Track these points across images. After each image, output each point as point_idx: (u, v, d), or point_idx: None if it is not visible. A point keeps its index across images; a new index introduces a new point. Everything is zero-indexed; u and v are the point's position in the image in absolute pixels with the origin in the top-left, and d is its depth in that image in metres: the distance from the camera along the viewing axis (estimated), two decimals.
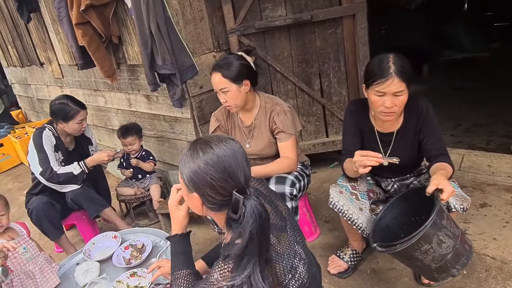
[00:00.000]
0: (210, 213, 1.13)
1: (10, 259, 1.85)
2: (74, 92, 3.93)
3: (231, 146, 1.05)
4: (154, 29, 2.30)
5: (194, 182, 1.04)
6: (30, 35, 4.26)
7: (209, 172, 1.00)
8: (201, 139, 1.09)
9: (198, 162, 1.02)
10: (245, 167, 1.04)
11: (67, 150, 2.61)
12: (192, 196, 1.08)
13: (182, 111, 2.64)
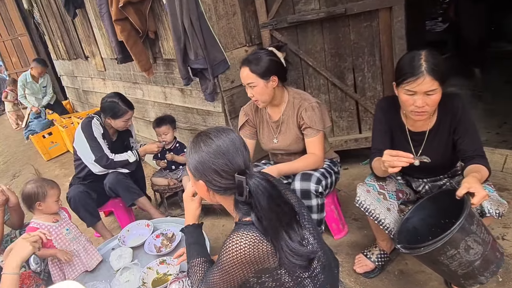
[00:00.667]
0: (218, 198, 1.24)
1: (55, 239, 2.01)
2: (115, 85, 4.12)
3: (229, 135, 1.18)
4: (187, 24, 2.35)
5: (199, 171, 1.17)
6: (76, 30, 4.49)
7: (211, 159, 1.13)
8: (202, 132, 1.22)
9: (200, 153, 1.15)
10: (243, 153, 1.17)
11: (111, 140, 2.76)
12: (199, 183, 1.21)
13: (214, 105, 2.68)
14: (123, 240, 2.27)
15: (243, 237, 1.09)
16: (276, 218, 1.09)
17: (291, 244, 1.08)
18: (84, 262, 2.09)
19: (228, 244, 1.12)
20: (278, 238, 1.08)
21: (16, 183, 4.68)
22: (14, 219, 2.21)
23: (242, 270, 1.12)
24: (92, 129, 2.63)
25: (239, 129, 2.20)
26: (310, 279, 1.15)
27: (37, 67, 5.59)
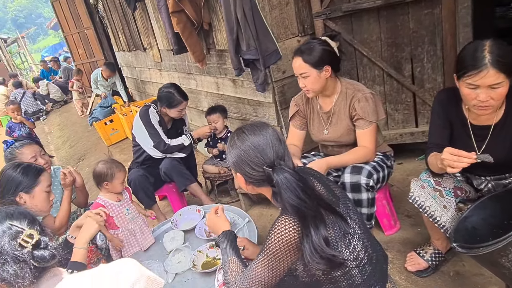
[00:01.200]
0: (258, 189, 1.32)
1: (116, 217, 2.19)
2: (171, 75, 4.29)
3: (261, 130, 1.25)
4: (240, 15, 2.37)
5: (235, 164, 1.27)
6: (136, 23, 4.72)
7: (244, 152, 1.22)
8: (239, 128, 1.30)
9: (235, 147, 1.25)
10: (275, 146, 1.23)
11: (166, 128, 2.91)
12: (237, 176, 1.30)
13: (265, 96, 2.70)
14: (175, 223, 2.38)
15: (288, 220, 1.14)
16: (300, 211, 1.12)
17: (315, 240, 1.09)
18: (139, 242, 2.24)
19: (274, 228, 1.16)
20: (306, 231, 1.11)
21: (81, 165, 5.08)
22: (79, 198, 2.42)
23: (289, 254, 1.15)
24: (150, 116, 2.79)
25: (289, 120, 2.20)
26: (357, 269, 1.15)
27: (106, 71, 6.21)
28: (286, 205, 1.15)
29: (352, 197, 1.88)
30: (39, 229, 1.07)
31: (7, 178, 1.79)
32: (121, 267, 1.05)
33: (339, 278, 1.15)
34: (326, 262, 1.10)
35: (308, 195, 1.15)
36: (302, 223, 1.12)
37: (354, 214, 1.26)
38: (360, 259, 1.16)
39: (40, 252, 1.02)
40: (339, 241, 1.14)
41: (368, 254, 1.19)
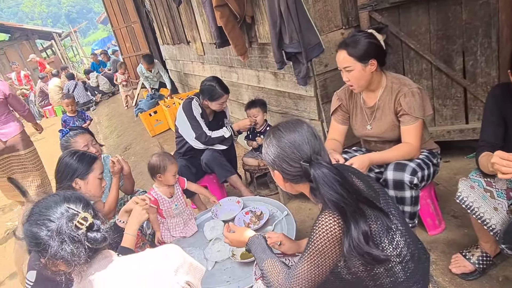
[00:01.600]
0: (296, 187, 1.32)
1: (164, 211, 2.31)
2: (213, 68, 4.36)
3: (296, 126, 1.27)
4: (283, 8, 2.36)
5: (272, 161, 1.28)
6: (180, 17, 4.84)
7: (280, 149, 1.24)
8: (274, 127, 1.32)
9: (272, 144, 1.27)
10: (311, 141, 1.24)
11: (208, 119, 2.98)
12: (275, 174, 1.32)
13: (306, 89, 2.68)
14: (215, 213, 2.44)
15: (331, 215, 1.14)
16: (340, 205, 1.13)
17: (354, 235, 1.09)
18: (182, 232, 2.34)
19: (317, 224, 1.16)
20: (346, 225, 1.12)
21: (127, 154, 5.33)
22: (126, 185, 2.55)
23: (334, 249, 1.15)
24: (192, 109, 2.87)
25: (331, 114, 2.17)
26: (400, 266, 1.13)
27: (144, 63, 6.43)
28: (325, 200, 1.16)
29: (395, 194, 1.84)
30: (93, 213, 1.14)
31: (65, 165, 1.92)
32: (166, 252, 1.10)
33: (381, 274, 1.14)
34: (364, 259, 1.09)
35: (346, 189, 1.15)
36: (342, 218, 1.12)
37: (395, 210, 1.24)
38: (403, 255, 1.14)
39: (93, 234, 1.09)
40: (383, 236, 1.13)
41: (410, 251, 1.17)
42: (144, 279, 1.04)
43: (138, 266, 1.09)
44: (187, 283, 1.08)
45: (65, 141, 2.33)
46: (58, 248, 1.04)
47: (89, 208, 1.16)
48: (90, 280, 1.07)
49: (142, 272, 1.06)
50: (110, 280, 1.06)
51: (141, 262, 1.10)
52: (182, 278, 1.07)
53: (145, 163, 4.63)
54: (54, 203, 1.11)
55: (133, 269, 1.08)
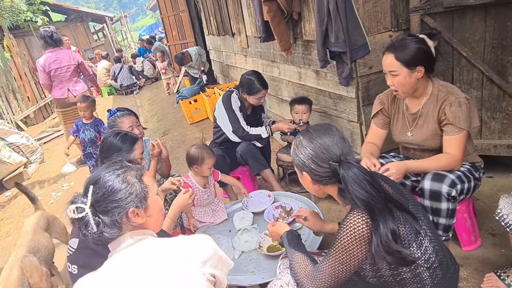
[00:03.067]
0: (324, 189, 1.35)
1: (196, 200, 2.40)
2: (255, 62, 4.39)
3: (326, 129, 1.33)
4: (332, 6, 2.34)
5: (302, 163, 1.33)
6: (227, 8, 4.90)
7: (309, 150, 1.30)
8: (304, 130, 1.39)
9: (301, 147, 1.33)
10: (340, 144, 1.30)
11: (246, 113, 3.02)
12: (303, 176, 1.36)
13: (348, 90, 2.65)
14: (246, 204, 2.49)
15: (359, 214, 1.17)
16: (369, 204, 1.15)
17: (383, 232, 1.11)
18: (211, 220, 2.41)
19: (345, 222, 1.19)
20: (375, 224, 1.14)
21: (165, 139, 5.50)
22: (164, 169, 2.65)
23: (360, 248, 1.17)
24: (231, 102, 2.92)
25: (372, 117, 2.14)
26: (428, 273, 1.13)
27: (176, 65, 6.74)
28: (354, 199, 1.19)
29: (430, 205, 1.79)
30: None
31: (109, 145, 2.03)
32: (197, 242, 1.14)
33: (408, 280, 1.14)
34: (392, 257, 1.10)
35: (375, 188, 1.18)
36: (371, 216, 1.14)
37: (424, 217, 1.25)
38: (431, 262, 1.13)
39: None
40: (411, 240, 1.13)
41: (439, 258, 1.16)
42: (170, 264, 1.07)
43: (168, 251, 1.11)
44: (213, 276, 1.11)
45: (112, 121, 2.45)
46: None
47: (104, 201, 1.13)
48: (121, 253, 1.13)
49: (170, 257, 1.09)
50: (138, 259, 1.10)
51: (172, 247, 1.13)
52: (208, 270, 1.10)
53: (182, 149, 4.80)
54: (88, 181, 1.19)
55: (162, 253, 1.11)
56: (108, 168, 1.19)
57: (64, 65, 4.73)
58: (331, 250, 1.25)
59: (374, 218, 1.14)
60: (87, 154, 4.16)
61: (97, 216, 1.10)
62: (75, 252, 1.67)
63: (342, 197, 1.32)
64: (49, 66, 4.65)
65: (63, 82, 4.80)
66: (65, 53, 4.78)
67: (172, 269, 1.06)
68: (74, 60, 4.82)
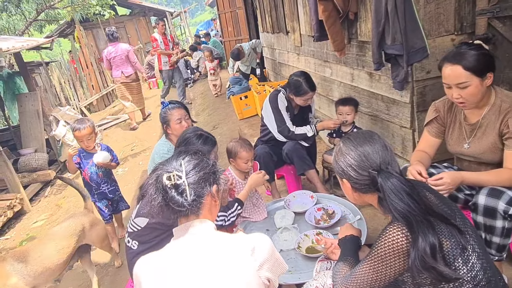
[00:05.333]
0: (364, 197, 1.34)
1: (236, 193, 2.43)
2: (307, 61, 4.36)
3: (368, 137, 1.32)
4: (390, 7, 2.26)
5: (341, 170, 1.33)
6: (283, 6, 4.90)
7: (349, 158, 1.29)
8: (345, 137, 1.38)
9: (342, 154, 1.33)
10: (381, 152, 1.27)
11: (293, 112, 3.03)
12: (344, 183, 1.36)
13: (402, 94, 2.55)
14: (288, 203, 2.50)
15: (399, 227, 1.14)
16: (407, 216, 1.12)
17: (421, 247, 1.08)
18: (251, 215, 2.44)
19: (385, 233, 1.17)
20: (413, 237, 1.10)
21: (214, 133, 5.64)
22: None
23: (397, 261, 1.15)
24: (278, 101, 2.93)
25: (425, 125, 2.05)
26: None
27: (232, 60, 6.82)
28: (392, 210, 1.16)
29: (484, 222, 1.68)
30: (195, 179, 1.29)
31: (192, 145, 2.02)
32: (256, 243, 1.17)
33: None
34: (429, 274, 1.06)
35: (414, 200, 1.14)
36: (410, 229, 1.12)
37: (473, 232, 1.19)
38: (478, 279, 1.08)
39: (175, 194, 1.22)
40: (457, 255, 1.08)
41: (487, 276, 1.09)
42: (229, 262, 1.10)
43: (229, 248, 1.15)
44: (268, 280, 1.14)
45: (163, 112, 2.58)
46: (152, 195, 1.19)
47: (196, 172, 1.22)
48: (185, 240, 1.18)
49: (231, 254, 1.13)
50: (200, 250, 1.15)
51: (233, 245, 1.16)
52: (264, 274, 1.12)
53: None
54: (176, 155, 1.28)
55: (224, 249, 1.15)
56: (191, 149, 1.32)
57: (118, 54, 6.73)
58: (367, 257, 1.24)
59: (413, 231, 1.11)
60: (100, 194, 3.18)
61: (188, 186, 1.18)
62: (140, 230, 1.81)
63: (382, 206, 1.29)
64: (109, 55, 6.76)
65: (118, 66, 6.82)
66: (120, 47, 6.77)
67: (231, 268, 1.10)
68: (124, 51, 6.77)
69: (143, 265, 1.19)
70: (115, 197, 3.33)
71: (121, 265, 3.09)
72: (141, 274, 1.17)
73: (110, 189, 3.25)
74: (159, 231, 1.81)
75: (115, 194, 3.31)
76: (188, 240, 1.18)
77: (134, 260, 1.86)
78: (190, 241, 1.18)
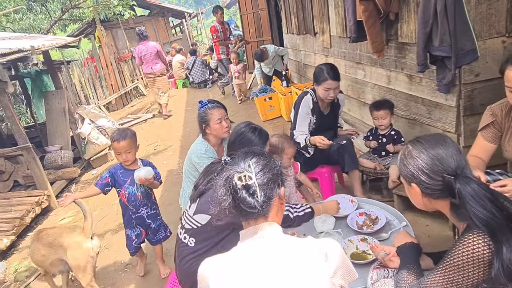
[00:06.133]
0: (434, 203, 1.27)
1: None
2: (337, 62, 4.30)
3: (440, 140, 1.24)
4: (440, 7, 2.19)
5: (410, 174, 1.26)
6: (312, 8, 4.85)
7: (420, 161, 1.23)
8: (415, 139, 1.32)
9: (411, 157, 1.26)
10: (456, 156, 1.20)
11: (321, 113, 2.95)
12: (412, 188, 1.28)
13: (447, 98, 2.47)
14: None
15: (480, 235, 1.08)
16: (490, 224, 1.06)
17: (506, 257, 1.02)
18: None
19: (463, 241, 1.10)
20: (497, 246, 1.05)
21: None
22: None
23: (476, 270, 1.09)
24: (301, 104, 2.87)
25: (480, 130, 1.97)
26: None
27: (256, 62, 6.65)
28: (472, 219, 1.09)
29: None
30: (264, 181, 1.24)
31: (247, 140, 2.01)
32: (328, 248, 1.11)
33: None
34: None
35: (497, 207, 1.08)
36: (493, 238, 1.06)
37: None
38: None
39: (247, 196, 1.17)
40: None
41: None
42: (302, 268, 1.06)
43: (301, 253, 1.10)
44: (341, 287, 1.09)
45: (203, 112, 2.53)
46: (221, 196, 1.15)
47: (264, 172, 1.18)
48: (254, 243, 1.14)
49: (303, 260, 1.08)
50: (271, 254, 1.10)
51: (305, 250, 1.11)
52: (338, 281, 1.07)
53: None
54: (243, 156, 1.23)
55: (296, 254, 1.10)
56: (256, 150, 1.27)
57: (149, 52, 7.22)
58: (439, 266, 1.17)
59: (496, 240, 1.05)
60: (138, 218, 2.71)
61: (259, 187, 1.13)
62: (200, 227, 1.79)
63: (455, 213, 1.22)
64: (140, 53, 7.26)
65: (148, 63, 7.33)
66: (149, 44, 7.27)
67: (305, 273, 1.05)
68: (154, 49, 7.27)
69: (211, 267, 1.15)
70: (154, 224, 2.79)
71: None
72: (209, 276, 1.13)
73: (150, 213, 2.75)
74: (222, 230, 1.77)
75: (154, 219, 2.79)
76: (258, 243, 1.14)
77: (189, 257, 1.85)
78: (260, 244, 1.14)
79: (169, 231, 2.91)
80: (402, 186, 2.74)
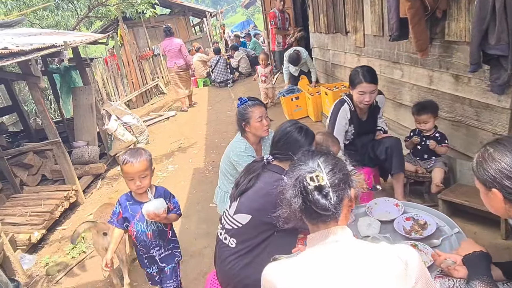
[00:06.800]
0: None
1: None
2: (370, 62, 4.19)
3: None
4: (499, 4, 2.08)
5: (492, 178, 1.18)
6: (344, 5, 4.74)
7: (504, 165, 1.15)
8: (494, 141, 1.23)
9: (492, 161, 1.18)
10: None
11: (359, 121, 2.82)
12: (492, 193, 1.20)
13: (500, 99, 2.35)
14: (370, 210, 2.35)
15: None
16: None
17: None
18: None
19: None
20: None
21: None
22: None
23: None
24: (338, 117, 2.73)
25: None
26: None
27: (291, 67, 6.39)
28: None
29: None
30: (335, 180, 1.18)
31: (293, 140, 1.94)
32: (407, 256, 1.03)
33: None
34: None
35: None
36: None
37: None
38: None
39: (320, 197, 1.12)
40: None
41: None
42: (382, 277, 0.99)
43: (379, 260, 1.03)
44: None
45: (243, 109, 2.47)
46: (291, 198, 1.09)
47: (335, 173, 1.12)
48: (322, 249, 1.08)
49: (382, 268, 1.01)
50: (344, 261, 1.04)
51: (382, 257, 1.04)
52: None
53: None
54: (310, 155, 1.17)
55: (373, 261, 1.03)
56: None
57: (173, 47, 7.85)
58: None
59: None
60: (150, 258, 2.21)
61: (331, 188, 1.07)
62: (241, 227, 1.73)
63: None
64: (165, 48, 7.96)
65: (172, 58, 7.95)
66: (174, 41, 7.89)
67: (386, 283, 0.98)
68: (178, 45, 7.86)
69: (278, 271, 1.09)
70: (167, 269, 2.25)
71: None
72: (277, 281, 1.07)
73: (163, 255, 2.22)
74: (264, 231, 1.72)
75: (170, 262, 2.24)
76: (332, 248, 1.07)
77: (230, 258, 1.79)
78: (335, 249, 1.07)
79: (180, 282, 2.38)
80: (448, 191, 2.64)
